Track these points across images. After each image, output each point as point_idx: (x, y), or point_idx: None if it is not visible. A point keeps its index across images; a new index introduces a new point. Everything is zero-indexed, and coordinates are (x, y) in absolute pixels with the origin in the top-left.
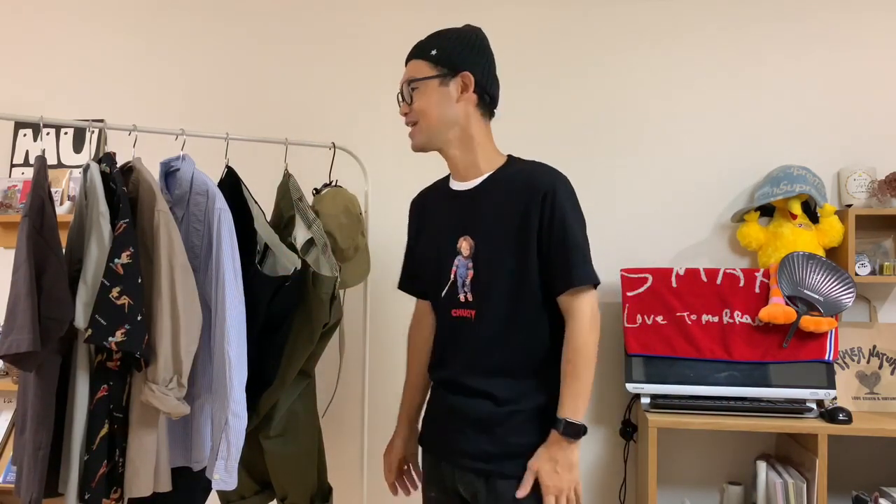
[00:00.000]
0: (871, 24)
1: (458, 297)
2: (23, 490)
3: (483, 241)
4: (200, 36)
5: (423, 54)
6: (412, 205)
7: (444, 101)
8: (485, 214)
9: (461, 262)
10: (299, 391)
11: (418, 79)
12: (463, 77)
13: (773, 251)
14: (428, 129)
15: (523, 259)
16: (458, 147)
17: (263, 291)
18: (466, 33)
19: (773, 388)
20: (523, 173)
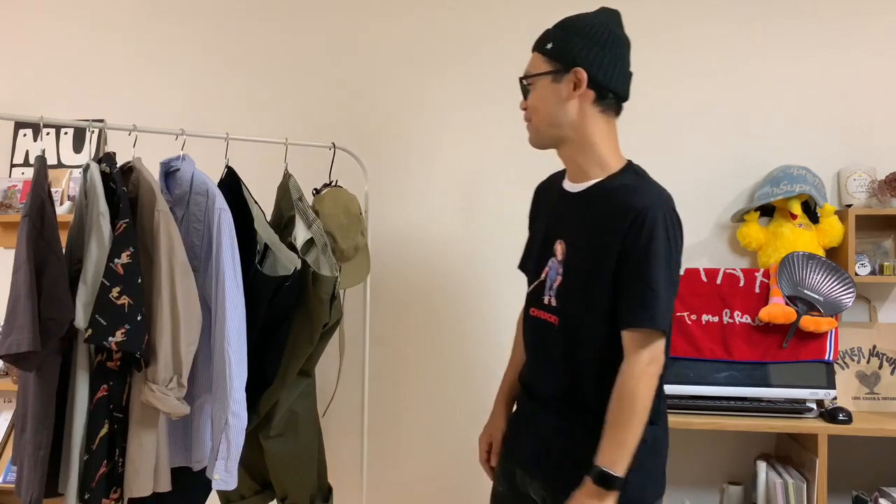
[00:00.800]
0: (871, 25)
1: (543, 299)
2: (23, 490)
3: (574, 250)
4: (200, 36)
5: (540, 47)
6: (536, 188)
7: (555, 100)
8: (580, 223)
9: (553, 265)
10: (299, 391)
11: (532, 74)
12: (576, 73)
13: (773, 251)
14: (538, 128)
15: (604, 285)
16: (570, 147)
17: (263, 291)
18: (590, 23)
19: (773, 388)
20: (626, 189)
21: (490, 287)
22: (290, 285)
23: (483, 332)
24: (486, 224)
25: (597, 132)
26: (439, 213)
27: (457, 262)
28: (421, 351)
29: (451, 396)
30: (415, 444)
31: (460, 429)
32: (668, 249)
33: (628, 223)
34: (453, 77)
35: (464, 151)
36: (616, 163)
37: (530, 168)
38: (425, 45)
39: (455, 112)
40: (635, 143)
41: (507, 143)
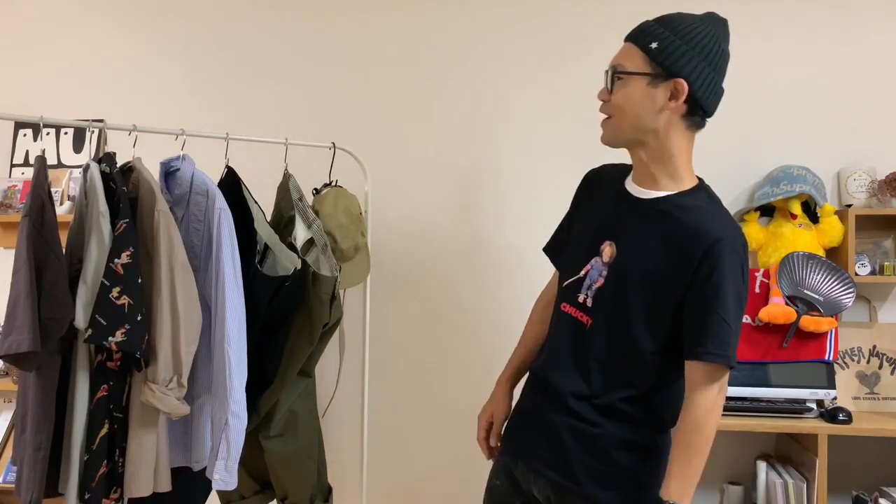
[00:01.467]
0: (871, 24)
1: (578, 297)
2: (23, 490)
3: (625, 258)
4: (200, 36)
5: (642, 43)
6: (585, 176)
7: (646, 105)
8: (642, 234)
9: (596, 265)
10: (299, 391)
11: (626, 71)
12: (676, 83)
13: (773, 251)
14: (619, 128)
15: (663, 299)
16: (647, 153)
17: (263, 291)
18: (700, 31)
19: (773, 388)
20: (701, 212)
21: (490, 287)
22: (290, 285)
23: (483, 332)
24: (486, 224)
25: (678, 145)
26: (439, 213)
27: (457, 261)
28: (421, 351)
29: (452, 396)
30: (415, 444)
31: (460, 429)
32: (743, 285)
33: (704, 250)
34: (453, 77)
35: (464, 151)
36: (689, 179)
37: (530, 168)
38: (425, 45)
39: (455, 112)
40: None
41: (508, 142)
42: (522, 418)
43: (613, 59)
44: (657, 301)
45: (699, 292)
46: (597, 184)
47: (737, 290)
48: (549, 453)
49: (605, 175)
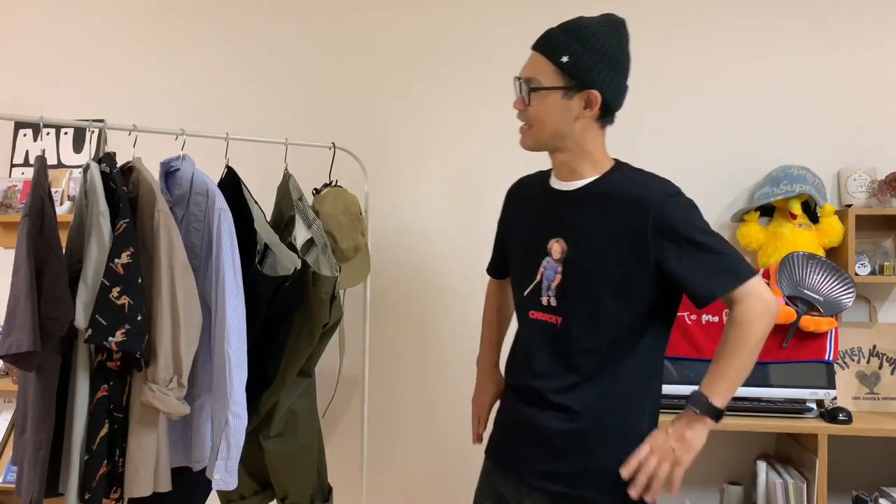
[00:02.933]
0: (871, 24)
1: (541, 300)
2: (23, 490)
3: (577, 247)
4: (200, 36)
5: (552, 55)
6: (508, 192)
7: (562, 115)
8: (583, 220)
9: (549, 265)
10: (299, 391)
11: (541, 86)
12: (589, 95)
13: (773, 251)
14: (539, 137)
15: (626, 275)
16: (567, 154)
17: (263, 291)
18: (605, 38)
19: (773, 388)
20: (631, 185)
21: None
22: (290, 285)
23: None
24: (485, 224)
25: (593, 142)
26: (439, 213)
27: (457, 261)
28: (421, 351)
29: (451, 396)
30: (415, 444)
31: (460, 429)
32: (701, 216)
33: (654, 214)
34: (453, 77)
35: (464, 151)
36: (608, 162)
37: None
38: (425, 45)
39: (455, 112)
40: (636, 144)
41: (507, 142)
42: (503, 430)
43: (524, 69)
44: (624, 275)
45: (675, 251)
46: (520, 196)
47: (700, 226)
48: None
49: (525, 186)
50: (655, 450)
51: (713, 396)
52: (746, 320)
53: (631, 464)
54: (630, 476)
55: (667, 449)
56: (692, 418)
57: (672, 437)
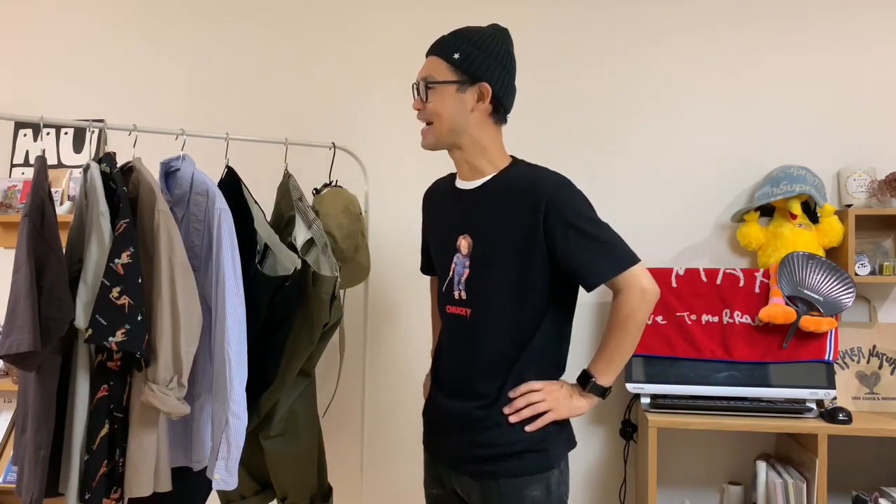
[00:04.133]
0: (871, 24)
1: (454, 294)
2: (23, 490)
3: (481, 242)
4: (200, 36)
5: (445, 54)
6: (424, 196)
7: (458, 108)
8: (484, 215)
9: (459, 260)
10: (299, 391)
11: (437, 81)
12: (481, 87)
13: (773, 251)
14: (439, 132)
15: (524, 263)
16: (465, 150)
17: (263, 291)
18: (492, 40)
19: (773, 388)
20: (525, 178)
21: None
22: (290, 285)
23: None
24: None
25: (489, 138)
26: None
27: None
28: (421, 350)
29: None
30: (414, 445)
31: None
32: (586, 211)
33: (543, 207)
34: None
35: None
36: (504, 160)
37: None
38: (425, 45)
39: None
40: (635, 144)
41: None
42: (429, 422)
43: (420, 72)
44: (523, 265)
45: (563, 238)
46: (432, 198)
47: (589, 216)
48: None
49: (436, 189)
50: (545, 391)
51: (598, 376)
52: (625, 308)
53: (521, 388)
54: (516, 396)
55: (554, 396)
56: (582, 392)
57: (563, 391)
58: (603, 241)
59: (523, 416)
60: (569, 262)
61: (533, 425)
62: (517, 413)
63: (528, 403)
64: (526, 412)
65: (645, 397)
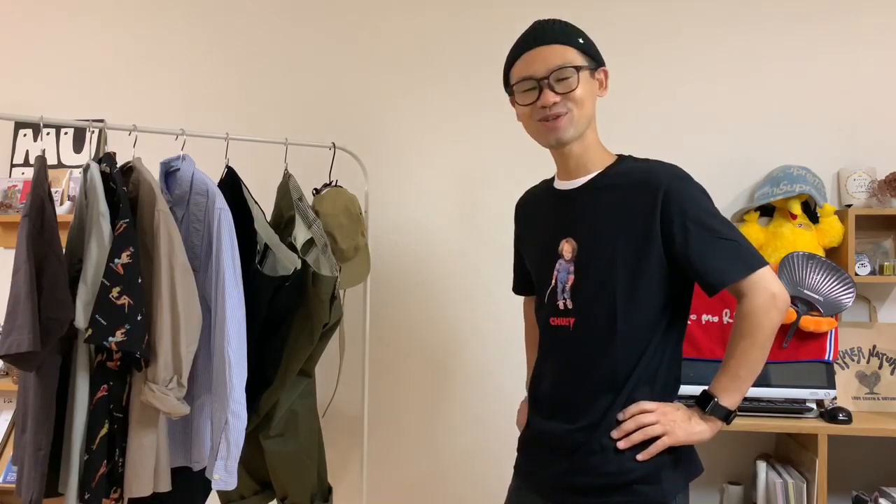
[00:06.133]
0: (871, 24)
1: (557, 304)
2: (23, 490)
3: (587, 245)
4: (200, 36)
5: (569, 41)
6: (515, 208)
7: (593, 94)
8: (590, 216)
9: (562, 266)
10: (299, 391)
11: (576, 65)
12: (604, 72)
13: (773, 251)
14: (579, 121)
15: (638, 265)
16: (582, 145)
17: (263, 291)
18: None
19: (773, 388)
20: (637, 171)
21: (490, 287)
22: (290, 285)
23: (483, 332)
24: (485, 224)
25: (596, 130)
26: (439, 213)
27: (457, 262)
28: (421, 351)
29: (452, 396)
30: (415, 444)
31: (460, 429)
32: (710, 200)
33: (661, 198)
34: (453, 77)
35: (464, 151)
36: (609, 157)
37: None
38: (426, 45)
39: (455, 112)
40: (635, 144)
41: (507, 142)
42: (524, 445)
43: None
44: (636, 268)
45: (683, 234)
46: (525, 207)
47: (711, 210)
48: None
49: (529, 197)
50: (659, 412)
51: (721, 395)
52: (753, 314)
53: (631, 409)
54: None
55: (670, 419)
56: (701, 415)
57: (680, 414)
58: (728, 238)
59: (633, 441)
60: (689, 261)
61: (645, 452)
62: (627, 438)
63: (638, 426)
64: (636, 436)
65: None
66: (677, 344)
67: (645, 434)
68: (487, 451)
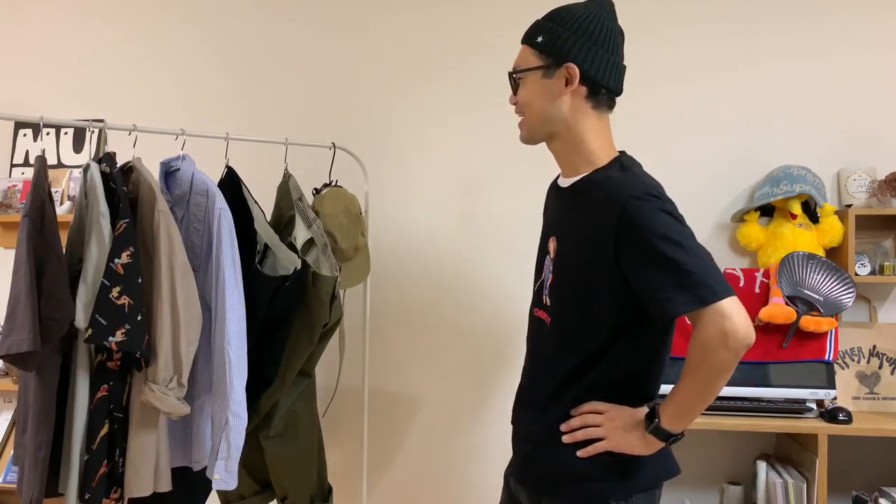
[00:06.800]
0: (871, 24)
1: (542, 298)
2: (23, 490)
3: (564, 247)
4: (200, 35)
5: (530, 40)
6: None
7: (546, 95)
8: (569, 219)
9: (548, 263)
10: (299, 391)
11: (521, 69)
12: (567, 68)
13: (773, 251)
14: (531, 124)
15: (592, 277)
16: (560, 142)
17: (263, 291)
18: (582, 15)
19: (773, 388)
20: (608, 182)
21: (490, 287)
22: (290, 285)
23: (483, 332)
24: (486, 224)
25: (588, 128)
26: (439, 212)
27: (457, 262)
28: (421, 351)
29: (452, 396)
30: (415, 445)
31: (460, 429)
32: (670, 224)
33: (616, 219)
34: (454, 77)
35: (464, 151)
36: (606, 157)
37: (530, 168)
38: (426, 45)
39: (455, 112)
40: (635, 144)
41: (508, 142)
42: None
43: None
44: (595, 287)
45: (630, 258)
46: (548, 193)
47: (668, 235)
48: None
49: (552, 184)
50: (608, 416)
51: (663, 417)
52: (698, 349)
53: (584, 407)
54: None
55: (614, 424)
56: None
57: (626, 422)
58: (683, 267)
59: (576, 437)
60: (639, 288)
61: (583, 451)
62: (571, 434)
63: (584, 425)
64: (579, 434)
65: None
66: (649, 353)
67: (586, 434)
68: (487, 451)
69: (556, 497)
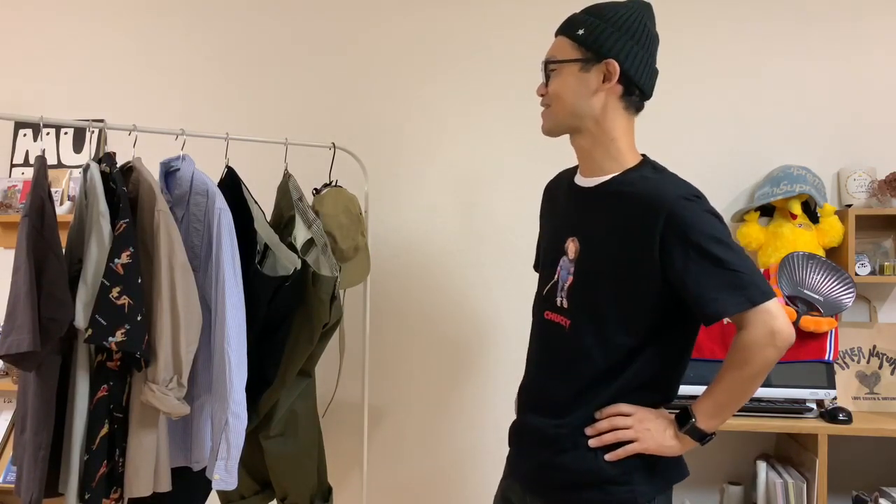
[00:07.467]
0: (871, 25)
1: (555, 300)
2: (23, 490)
3: (589, 250)
4: (200, 36)
5: (569, 31)
6: (546, 187)
7: (581, 89)
8: (597, 221)
9: (565, 264)
10: (299, 391)
11: (558, 60)
12: (607, 65)
13: (773, 251)
14: (557, 116)
15: (632, 282)
16: (587, 139)
17: (263, 291)
18: (626, 14)
19: (773, 388)
20: (647, 184)
21: (490, 287)
22: (290, 285)
23: (483, 332)
24: (485, 224)
25: (617, 127)
26: (439, 213)
27: (457, 262)
28: (421, 351)
29: (451, 396)
30: (415, 444)
31: (460, 429)
32: (716, 226)
33: (662, 221)
34: (453, 77)
35: (464, 151)
36: (632, 158)
37: (530, 168)
38: (425, 45)
39: (455, 112)
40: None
41: (508, 142)
42: (515, 436)
43: (546, 54)
44: (629, 289)
45: (682, 260)
46: (553, 190)
47: (717, 237)
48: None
49: (559, 180)
50: (635, 417)
51: (699, 417)
52: (747, 348)
53: (608, 409)
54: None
55: (645, 426)
56: (677, 430)
57: (657, 423)
58: (731, 267)
59: (605, 441)
60: (686, 288)
61: (613, 454)
62: (599, 437)
63: (612, 427)
64: (608, 437)
65: None
66: (676, 356)
67: (616, 437)
68: (487, 451)
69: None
